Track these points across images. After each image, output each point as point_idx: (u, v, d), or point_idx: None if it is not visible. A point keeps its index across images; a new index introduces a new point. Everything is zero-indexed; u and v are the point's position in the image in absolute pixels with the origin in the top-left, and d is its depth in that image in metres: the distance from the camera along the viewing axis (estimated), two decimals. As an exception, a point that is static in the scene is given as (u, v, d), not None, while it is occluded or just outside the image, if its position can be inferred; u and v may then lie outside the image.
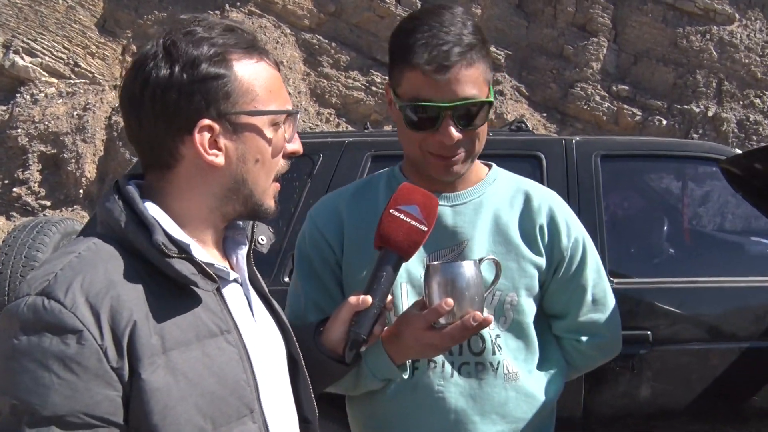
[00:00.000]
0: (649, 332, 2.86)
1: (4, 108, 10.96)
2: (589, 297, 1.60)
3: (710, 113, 10.98)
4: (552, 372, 1.61)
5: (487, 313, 1.38)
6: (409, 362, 1.51)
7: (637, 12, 11.47)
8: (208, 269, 1.10)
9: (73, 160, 10.56)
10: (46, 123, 10.76)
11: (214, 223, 1.17)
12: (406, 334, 1.40)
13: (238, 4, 11.54)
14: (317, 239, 1.57)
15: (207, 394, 1.04)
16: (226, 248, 1.24)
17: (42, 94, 11.01)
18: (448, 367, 1.51)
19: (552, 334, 1.64)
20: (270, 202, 1.20)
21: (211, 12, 11.52)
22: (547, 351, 1.62)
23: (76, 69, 11.30)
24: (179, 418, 1.01)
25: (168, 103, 1.08)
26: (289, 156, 1.21)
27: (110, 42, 11.56)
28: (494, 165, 1.65)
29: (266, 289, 1.30)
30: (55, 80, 11.23)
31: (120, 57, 11.63)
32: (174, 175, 1.12)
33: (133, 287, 1.02)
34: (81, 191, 10.53)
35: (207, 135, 1.10)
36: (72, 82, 11.28)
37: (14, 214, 10.34)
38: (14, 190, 10.57)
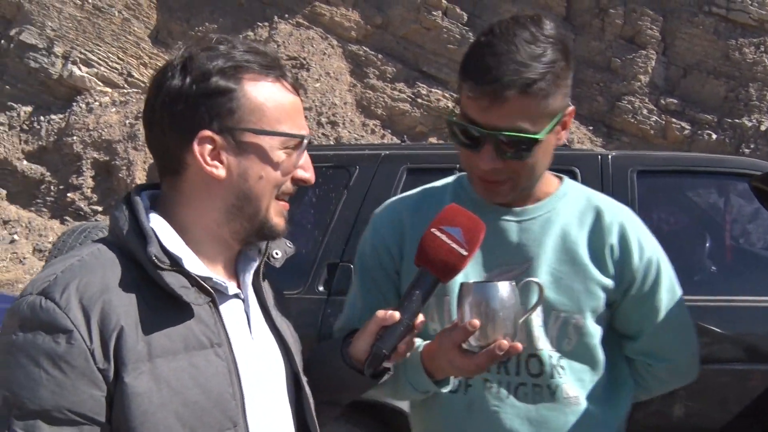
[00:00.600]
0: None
1: (62, 116, 11.35)
2: (662, 320, 1.50)
3: (763, 127, 10.70)
4: (619, 395, 1.54)
5: (518, 339, 1.31)
6: (460, 379, 1.47)
7: (687, 24, 11.28)
8: (203, 282, 1.12)
9: (125, 167, 10.86)
10: (100, 131, 11.10)
11: (225, 241, 1.19)
12: (439, 351, 1.37)
13: (287, 16, 11.74)
14: (377, 246, 1.53)
15: (189, 404, 1.07)
16: (238, 264, 1.25)
17: (96, 103, 11.37)
18: (504, 387, 1.46)
19: (622, 355, 1.56)
20: (277, 220, 1.20)
21: (260, 24, 11.75)
22: (616, 372, 1.54)
23: (129, 79, 11.63)
24: (158, 424, 1.04)
25: (175, 112, 1.12)
26: (297, 183, 1.21)
27: (163, 53, 11.88)
28: (566, 178, 1.56)
29: (272, 308, 1.30)
30: (109, 90, 11.59)
31: (172, 67, 11.92)
32: (181, 183, 1.16)
33: (127, 294, 1.06)
34: (131, 198, 10.81)
35: (208, 146, 1.12)
36: (125, 91, 11.62)
37: (68, 218, 10.68)
38: (68, 195, 10.92)
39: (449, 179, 1.58)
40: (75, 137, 11.07)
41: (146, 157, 10.98)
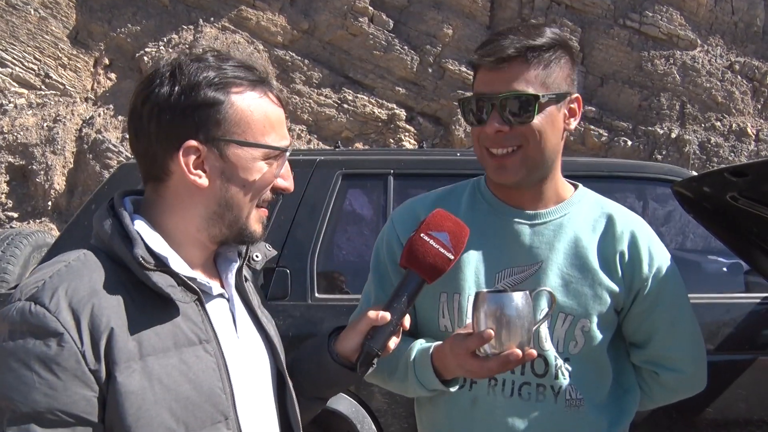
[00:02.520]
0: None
1: (-28, 118, 10.83)
2: (670, 329, 1.52)
3: (673, 135, 11.26)
4: (624, 401, 1.55)
5: (532, 347, 1.34)
6: (465, 378, 1.49)
7: (603, 35, 11.75)
8: (189, 281, 1.16)
9: (42, 172, 10.46)
10: (15, 134, 10.65)
11: (203, 243, 1.23)
12: (450, 354, 1.40)
13: (212, 19, 11.58)
14: (393, 242, 1.57)
15: (181, 399, 1.10)
16: (218, 265, 1.29)
17: (11, 105, 10.90)
18: (508, 385, 1.48)
19: (629, 362, 1.57)
20: (256, 227, 1.24)
21: (185, 26, 11.54)
22: (622, 378, 1.56)
23: (46, 80, 11.21)
24: (152, 421, 1.06)
25: (162, 121, 1.15)
26: (278, 191, 1.25)
27: (82, 54, 11.50)
28: (581, 185, 1.60)
29: (256, 306, 1.34)
30: (25, 91, 11.13)
31: (92, 69, 11.57)
32: (165, 189, 1.19)
33: (114, 295, 1.08)
34: (49, 203, 10.43)
35: (193, 156, 1.15)
36: (42, 93, 11.19)
37: (-20, 225, 10.20)
38: (-19, 201, 10.43)
39: (464, 184, 1.63)
40: (-12, 140, 10.59)
41: (65, 161, 10.61)
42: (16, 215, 10.37)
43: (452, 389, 1.48)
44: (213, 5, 11.70)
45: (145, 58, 11.30)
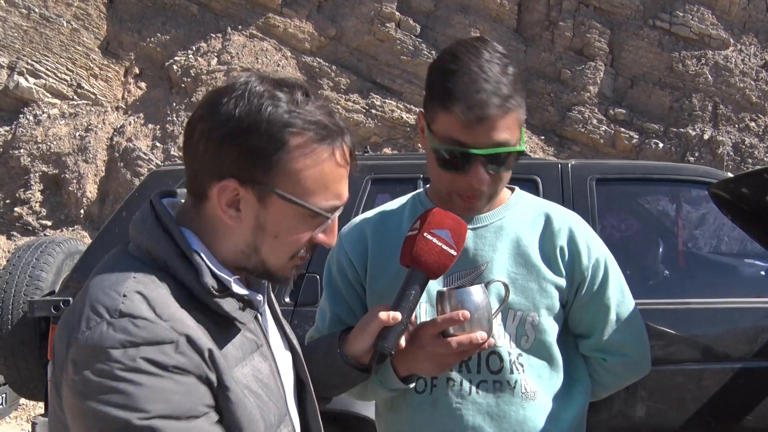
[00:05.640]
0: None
1: (8, 128, 11.06)
2: (612, 316, 1.60)
3: (706, 136, 11.09)
4: (576, 391, 1.62)
5: (492, 336, 1.44)
6: (426, 379, 1.56)
7: (633, 37, 11.63)
8: (246, 299, 1.15)
9: (75, 181, 10.64)
10: (49, 143, 10.85)
11: (234, 266, 1.18)
12: (416, 343, 1.45)
13: (240, 27, 11.69)
14: (343, 261, 1.63)
15: (264, 403, 1.12)
16: (248, 276, 1.27)
17: (45, 115, 11.12)
18: (466, 384, 1.54)
19: (578, 354, 1.65)
20: (285, 274, 1.19)
21: (213, 35, 11.67)
22: (572, 370, 1.63)
23: (79, 90, 11.41)
24: (258, 424, 1.09)
25: (210, 144, 1.09)
26: (315, 245, 1.17)
27: (113, 64, 11.69)
28: (517, 188, 1.66)
29: (280, 313, 1.36)
30: (58, 101, 11.35)
31: (122, 79, 11.75)
32: (203, 208, 1.14)
33: (193, 317, 1.06)
34: (82, 211, 10.60)
35: (230, 194, 1.09)
36: (75, 103, 11.40)
37: (15, 233, 10.40)
38: (15, 209, 10.63)
39: (403, 200, 1.69)
40: (22, 150, 10.80)
41: (97, 170, 10.78)
42: (49, 224, 10.56)
43: (410, 385, 1.54)
44: (241, 13, 11.81)
45: (174, 67, 11.45)
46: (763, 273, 3.58)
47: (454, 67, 1.44)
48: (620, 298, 1.63)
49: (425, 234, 1.43)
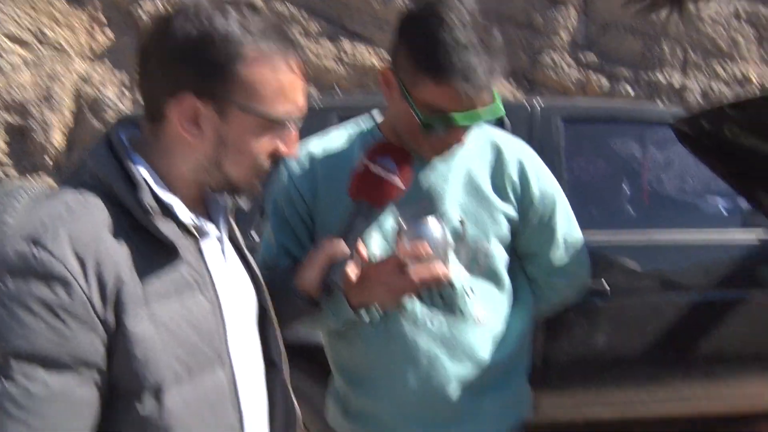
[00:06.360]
0: (605, 283, 3.00)
1: (-31, 77, 10.76)
2: (560, 240, 1.70)
3: (676, 83, 11.16)
4: (520, 315, 1.70)
5: (450, 268, 1.49)
6: (378, 311, 1.60)
7: (605, -18, 11.56)
8: (190, 228, 1.15)
9: (40, 129, 10.43)
10: (12, 92, 10.60)
11: (197, 185, 1.19)
12: (373, 276, 1.48)
13: (207, -29, 11.39)
14: (290, 192, 1.62)
15: (185, 344, 1.10)
16: (206, 201, 1.27)
17: (7, 64, 10.82)
18: (419, 314, 1.59)
19: (524, 280, 1.73)
20: (250, 186, 1.19)
21: (180, -21, 11.36)
22: (517, 294, 1.71)
23: (42, 38, 11.10)
24: (160, 366, 1.06)
25: (166, 64, 1.09)
26: (278, 157, 1.19)
27: (77, 11, 11.36)
28: None
29: (242, 242, 1.35)
30: (20, 49, 11.03)
31: (88, 26, 11.44)
32: (161, 132, 1.14)
33: (118, 240, 1.05)
34: (49, 161, 10.43)
35: (188, 110, 1.10)
36: (38, 51, 11.09)
37: (-19, 184, 10.22)
38: (-19, 160, 10.43)
39: (352, 132, 1.67)
40: (-15, 99, 10.54)
41: (64, 118, 10.57)
42: (15, 173, 10.38)
43: (363, 317, 1.57)
44: (208, -43, 11.50)
45: (141, 14, 11.16)
46: (722, 210, 3.67)
47: (444, 36, 1.41)
48: (567, 224, 1.72)
49: (370, 165, 1.44)
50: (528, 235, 1.68)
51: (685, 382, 3.12)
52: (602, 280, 2.97)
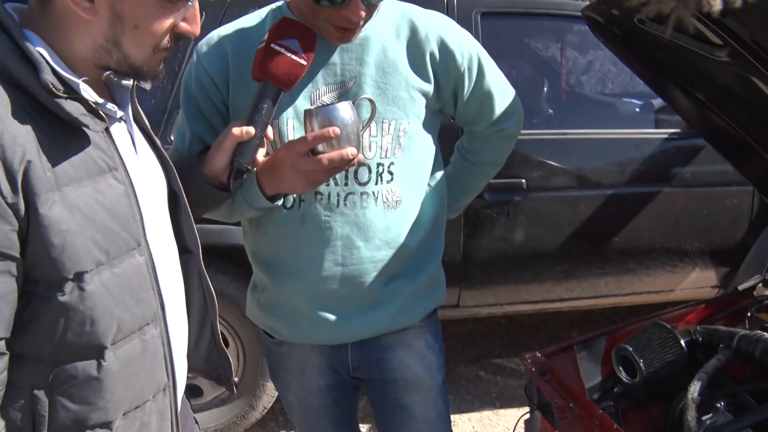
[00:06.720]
0: (523, 180, 3.05)
1: None
2: (497, 95, 1.72)
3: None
4: (435, 199, 1.71)
5: (361, 153, 1.47)
6: (293, 196, 1.59)
7: None
8: (98, 109, 1.09)
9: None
10: None
11: (98, 67, 1.14)
12: (285, 161, 1.46)
13: None
14: (203, 78, 1.57)
15: (101, 228, 1.07)
16: (108, 84, 1.21)
17: None
18: (334, 197, 1.58)
19: (438, 163, 1.74)
20: (152, 68, 1.15)
21: None
22: (432, 180, 1.71)
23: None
24: (78, 251, 1.03)
25: None
26: (179, 36, 1.14)
27: None
28: None
29: (148, 125, 1.31)
30: None
31: None
32: (51, 8, 1.07)
33: (22, 124, 1.00)
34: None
35: None
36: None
37: None
38: None
39: (262, 13, 1.62)
40: None
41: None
42: None
43: (277, 203, 1.57)
44: None
45: None
46: (637, 110, 3.75)
47: None
48: (498, 79, 1.73)
49: (272, 45, 1.40)
50: (467, 100, 1.68)
51: (600, 276, 3.24)
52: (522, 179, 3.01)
